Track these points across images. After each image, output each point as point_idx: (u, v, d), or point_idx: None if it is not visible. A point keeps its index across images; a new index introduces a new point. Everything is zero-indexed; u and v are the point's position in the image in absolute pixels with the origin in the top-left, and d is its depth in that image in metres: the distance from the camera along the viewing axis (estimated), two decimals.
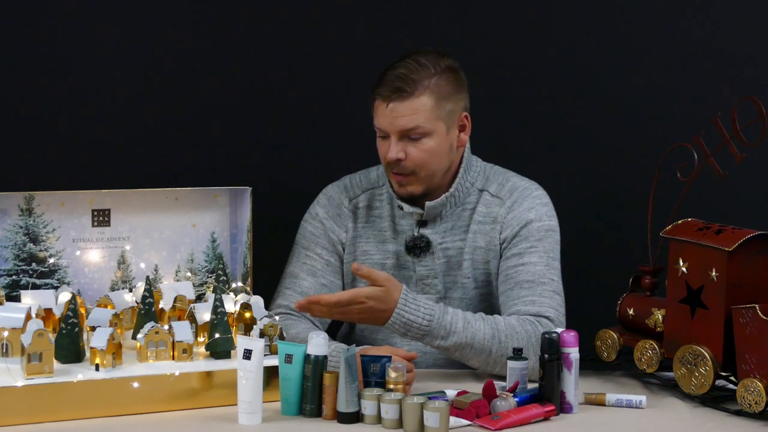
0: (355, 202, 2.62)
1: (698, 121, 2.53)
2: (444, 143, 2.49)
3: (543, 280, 2.48)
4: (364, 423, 2.13)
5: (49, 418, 2.10)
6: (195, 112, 3.06)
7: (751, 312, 2.18)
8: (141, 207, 2.55)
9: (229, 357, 2.29)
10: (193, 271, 2.61)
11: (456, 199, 2.55)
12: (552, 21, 3.16)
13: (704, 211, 2.54)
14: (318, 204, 2.63)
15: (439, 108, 2.46)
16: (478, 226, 2.55)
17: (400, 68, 2.45)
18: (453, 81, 2.49)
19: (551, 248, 2.53)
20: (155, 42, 3.03)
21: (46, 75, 2.98)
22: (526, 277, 2.48)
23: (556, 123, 3.16)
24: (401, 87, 2.43)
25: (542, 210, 2.55)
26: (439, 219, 2.56)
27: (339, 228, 2.60)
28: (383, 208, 2.60)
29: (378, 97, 2.46)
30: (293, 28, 3.10)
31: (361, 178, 2.65)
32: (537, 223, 2.53)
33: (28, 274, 2.47)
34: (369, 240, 2.59)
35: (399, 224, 2.58)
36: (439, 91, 2.45)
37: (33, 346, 2.12)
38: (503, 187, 2.57)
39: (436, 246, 2.55)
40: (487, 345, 2.36)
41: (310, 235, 2.60)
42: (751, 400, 2.18)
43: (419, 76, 2.44)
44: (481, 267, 2.56)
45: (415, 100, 2.44)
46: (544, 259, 2.50)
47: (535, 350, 2.34)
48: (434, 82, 2.45)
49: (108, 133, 3.01)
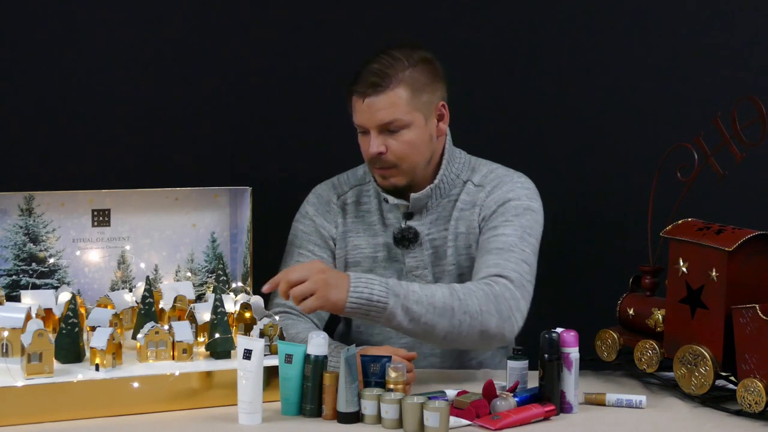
0: (344, 199, 2.63)
1: (698, 121, 2.53)
2: (423, 134, 2.50)
3: (513, 249, 2.44)
4: (364, 423, 2.13)
5: (49, 418, 2.10)
6: (195, 112, 3.06)
7: (751, 312, 2.18)
8: (141, 207, 2.55)
9: (229, 357, 2.29)
10: (193, 271, 2.61)
11: (441, 190, 2.56)
12: (552, 21, 3.16)
13: (704, 211, 2.54)
14: (308, 203, 2.66)
15: (415, 99, 2.47)
16: (460, 213, 2.56)
17: (374, 63, 2.47)
18: (428, 72, 2.50)
19: (528, 225, 2.49)
20: (155, 42, 3.03)
21: (46, 75, 2.98)
22: (496, 245, 2.45)
23: (556, 123, 3.16)
24: (376, 82, 2.45)
25: (522, 191, 2.54)
26: (425, 210, 2.57)
27: (329, 224, 2.61)
28: (371, 203, 2.62)
29: (354, 93, 2.49)
30: (293, 28, 3.10)
31: (349, 175, 2.67)
32: (515, 201, 2.52)
33: (28, 274, 2.47)
34: (359, 234, 2.61)
35: (387, 217, 2.60)
36: (414, 83, 2.47)
37: (33, 346, 2.12)
38: (486, 177, 2.58)
39: (423, 237, 2.56)
40: (448, 303, 2.29)
41: (301, 234, 2.61)
42: (751, 400, 2.18)
43: (393, 70, 2.46)
44: (464, 252, 2.56)
45: (390, 93, 2.45)
46: (519, 231, 2.47)
47: (498, 308, 2.31)
48: (408, 74, 2.47)
49: (108, 133, 3.01)
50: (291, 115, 3.11)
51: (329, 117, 3.11)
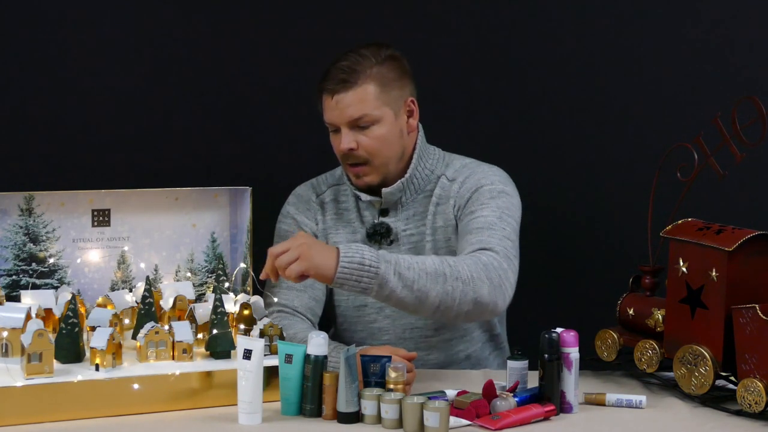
0: (322, 197, 2.66)
1: (698, 121, 2.53)
2: (394, 129, 2.52)
3: (493, 227, 2.44)
4: (364, 423, 2.13)
5: (49, 418, 2.10)
6: (195, 112, 3.07)
7: (751, 312, 2.18)
8: (141, 207, 2.55)
9: (229, 357, 2.29)
10: (193, 271, 2.61)
11: (414, 186, 2.57)
12: (552, 22, 3.16)
13: (704, 211, 2.54)
14: (288, 204, 2.68)
15: (384, 94, 2.50)
16: (436, 208, 2.57)
17: (342, 61, 2.50)
18: (395, 68, 2.52)
19: (505, 206, 2.49)
20: (155, 42, 3.03)
21: (46, 75, 2.98)
22: (476, 225, 2.45)
23: (556, 123, 3.16)
24: (345, 78, 2.47)
25: (494, 178, 2.55)
26: (400, 206, 2.58)
27: (310, 221, 2.64)
28: (349, 202, 2.64)
29: (324, 92, 2.51)
30: (293, 28, 3.10)
31: (327, 176, 2.70)
32: (488, 186, 2.53)
33: (28, 274, 2.47)
34: (339, 232, 2.62)
35: (363, 215, 2.62)
36: (382, 78, 2.49)
37: (33, 346, 2.12)
38: (458, 171, 2.59)
39: (400, 233, 2.57)
40: (440, 269, 2.28)
41: (284, 233, 2.63)
42: (751, 400, 2.18)
43: (361, 67, 2.48)
44: (443, 245, 2.56)
45: (359, 89, 2.48)
46: (497, 212, 2.47)
47: (488, 275, 2.30)
48: (376, 70, 2.49)
49: (108, 133, 3.01)
50: (291, 115, 3.11)
51: None
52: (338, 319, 2.67)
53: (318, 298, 2.60)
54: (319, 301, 2.60)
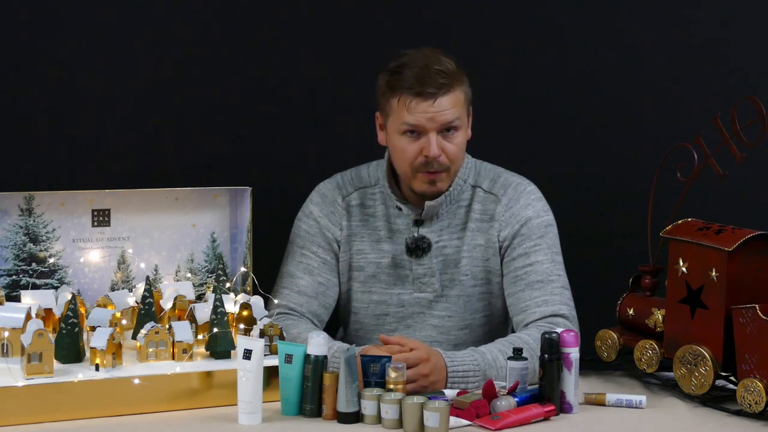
0: (348, 200, 2.61)
1: (698, 121, 2.53)
2: (466, 137, 2.53)
3: (551, 277, 2.50)
4: (364, 423, 2.13)
5: (49, 418, 2.10)
6: (194, 112, 3.06)
7: (751, 312, 2.18)
8: (141, 207, 2.55)
9: (229, 357, 2.29)
10: (193, 271, 2.61)
11: (451, 197, 2.55)
12: (552, 21, 3.16)
13: (704, 211, 2.54)
14: (311, 202, 2.63)
15: (467, 101, 2.51)
16: (476, 224, 2.56)
17: (435, 65, 2.44)
18: (466, 75, 2.52)
19: (553, 243, 2.55)
20: (155, 42, 3.03)
21: (46, 75, 2.98)
22: (536, 278, 2.50)
23: (556, 123, 3.16)
24: (445, 83, 2.44)
25: (538, 205, 2.57)
26: (436, 217, 2.56)
27: (334, 226, 2.60)
28: (377, 207, 2.60)
29: (414, 95, 2.43)
30: (293, 28, 3.10)
31: (353, 175, 2.64)
32: (536, 219, 2.54)
33: (28, 274, 2.47)
34: (363, 239, 2.59)
35: (395, 223, 2.58)
36: (464, 85, 2.50)
37: (33, 346, 2.12)
38: (495, 183, 2.58)
39: (433, 244, 2.56)
40: (527, 350, 2.34)
41: (305, 234, 2.59)
42: (751, 400, 2.18)
43: (455, 72, 2.46)
44: (480, 264, 2.56)
45: (454, 94, 2.46)
46: (549, 255, 2.52)
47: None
48: (460, 76, 2.49)
49: (108, 133, 3.01)
50: (291, 115, 3.10)
51: (329, 117, 3.11)
52: (353, 325, 2.65)
53: (328, 305, 2.59)
54: (328, 308, 2.59)
